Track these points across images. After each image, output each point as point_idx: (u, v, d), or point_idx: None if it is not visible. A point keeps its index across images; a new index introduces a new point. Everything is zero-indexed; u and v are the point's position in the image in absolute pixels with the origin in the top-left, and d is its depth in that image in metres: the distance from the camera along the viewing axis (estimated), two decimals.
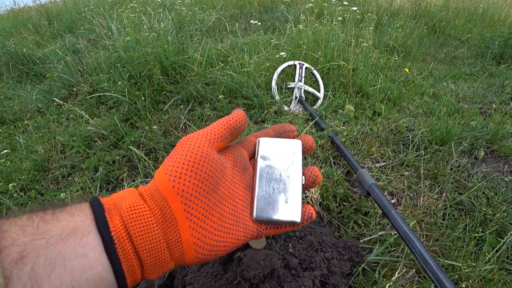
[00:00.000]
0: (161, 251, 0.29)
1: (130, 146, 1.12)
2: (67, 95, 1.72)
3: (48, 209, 0.26)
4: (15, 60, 2.26)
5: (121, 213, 0.28)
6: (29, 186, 1.11)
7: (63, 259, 0.23)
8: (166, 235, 0.29)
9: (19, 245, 0.23)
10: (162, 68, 1.57)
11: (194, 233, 0.29)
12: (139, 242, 0.27)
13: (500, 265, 0.77)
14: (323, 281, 0.64)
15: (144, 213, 0.28)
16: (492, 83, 1.96)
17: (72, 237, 0.25)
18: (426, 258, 0.56)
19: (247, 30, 2.87)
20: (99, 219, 0.27)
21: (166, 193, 0.29)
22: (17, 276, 0.21)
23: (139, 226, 0.28)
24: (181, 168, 0.30)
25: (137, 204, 0.29)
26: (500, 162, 1.18)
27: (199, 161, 0.31)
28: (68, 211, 0.27)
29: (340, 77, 1.65)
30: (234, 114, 0.37)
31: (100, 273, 0.25)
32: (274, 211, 0.35)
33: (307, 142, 0.40)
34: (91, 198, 0.29)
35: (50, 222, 0.25)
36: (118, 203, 0.29)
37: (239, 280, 0.56)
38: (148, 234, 0.28)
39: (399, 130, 1.29)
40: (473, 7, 3.65)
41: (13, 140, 1.39)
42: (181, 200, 0.29)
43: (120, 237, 0.26)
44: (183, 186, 0.29)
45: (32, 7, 3.96)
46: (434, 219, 0.90)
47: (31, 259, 0.22)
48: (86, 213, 0.27)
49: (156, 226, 0.28)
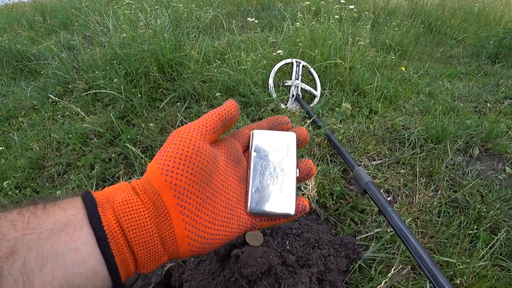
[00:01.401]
0: (154, 244, 0.28)
1: (126, 143, 1.11)
2: (62, 92, 1.70)
3: (39, 204, 0.26)
4: (9, 57, 2.23)
5: (113, 207, 0.28)
6: (24, 184, 1.10)
7: (55, 254, 0.23)
8: (159, 229, 0.29)
9: (10, 240, 0.22)
10: (158, 65, 1.56)
11: (187, 226, 0.29)
12: (132, 236, 0.27)
13: (493, 262, 0.78)
14: (320, 278, 0.64)
15: (137, 207, 0.28)
16: (487, 82, 1.98)
17: (64, 231, 0.24)
18: (421, 255, 0.57)
19: (244, 27, 2.86)
20: (92, 213, 0.26)
21: (158, 187, 0.29)
22: (8, 271, 0.21)
23: (132, 220, 0.27)
24: (173, 162, 0.29)
25: (130, 198, 0.28)
26: (494, 160, 1.20)
27: (191, 154, 0.30)
28: (60, 206, 0.26)
29: (337, 75, 1.66)
30: (226, 105, 0.36)
31: (93, 267, 0.25)
32: (268, 203, 0.36)
33: (301, 135, 0.40)
34: (83, 192, 0.29)
35: (41, 216, 0.25)
36: (110, 197, 0.29)
37: (236, 277, 0.56)
38: (141, 228, 0.28)
39: (395, 128, 1.30)
40: (468, 6, 3.68)
41: (8, 137, 1.38)
42: (173, 194, 0.29)
43: (113, 231, 0.26)
44: (175, 180, 0.29)
45: (26, 3, 3.91)
46: (430, 216, 0.91)
47: (22, 254, 0.22)
48: (78, 207, 0.27)
49: (149, 220, 0.28)
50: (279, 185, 0.37)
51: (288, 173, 0.37)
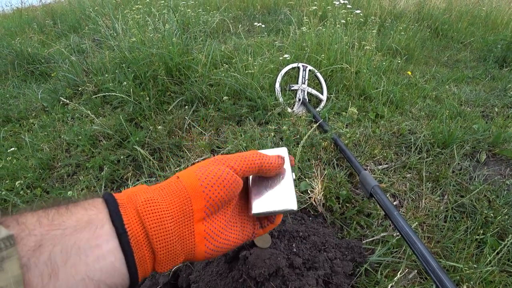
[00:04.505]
0: (174, 243, 0.30)
1: (135, 145, 1.13)
2: (72, 95, 1.73)
3: (62, 204, 0.28)
4: (20, 59, 2.27)
5: (136, 206, 0.29)
6: (35, 184, 1.13)
7: (78, 249, 0.25)
8: (180, 229, 0.31)
9: (36, 235, 0.24)
10: (166, 69, 1.59)
11: (206, 229, 0.33)
12: (154, 233, 0.29)
13: (501, 267, 0.78)
14: (326, 281, 0.65)
15: (160, 207, 0.30)
16: (494, 86, 1.97)
17: (86, 229, 0.26)
18: (428, 259, 0.57)
19: (251, 31, 2.88)
20: (113, 212, 0.28)
21: (193, 195, 0.32)
22: (34, 263, 0.23)
23: (155, 218, 0.29)
24: (215, 181, 0.34)
25: (153, 198, 0.31)
26: (501, 165, 1.19)
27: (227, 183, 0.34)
28: (82, 206, 0.28)
29: (343, 79, 1.66)
30: (272, 159, 0.39)
31: (113, 263, 0.26)
32: (270, 204, 0.38)
33: None
34: (104, 194, 0.30)
35: (64, 214, 0.26)
36: (133, 197, 0.31)
37: (244, 278, 0.57)
38: (164, 226, 0.30)
39: (401, 132, 1.30)
40: (476, 10, 3.66)
41: (19, 138, 1.41)
42: (205, 204, 0.33)
43: (133, 230, 0.28)
44: (212, 194, 0.33)
45: (37, 7, 3.98)
46: (436, 221, 0.91)
47: (48, 248, 0.24)
48: (99, 207, 0.29)
49: (171, 219, 0.30)
50: (278, 187, 0.40)
51: (285, 176, 0.41)
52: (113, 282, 0.26)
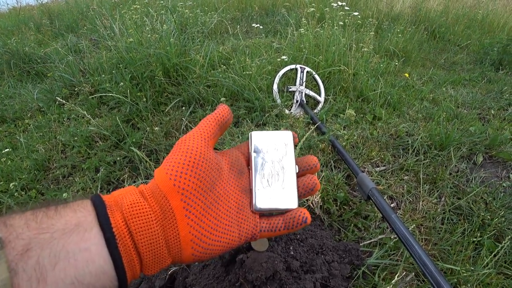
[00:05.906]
0: (159, 247, 0.30)
1: (131, 147, 1.12)
2: (68, 95, 1.72)
3: (51, 206, 0.27)
4: (16, 59, 2.25)
5: (122, 210, 0.29)
6: (30, 185, 1.12)
7: (67, 253, 0.24)
8: (165, 232, 0.30)
9: (24, 238, 0.23)
10: (164, 69, 1.58)
11: (191, 230, 0.31)
12: (139, 238, 0.29)
13: (498, 270, 0.78)
14: (324, 284, 0.64)
15: (144, 210, 0.30)
16: (490, 89, 1.98)
17: (75, 232, 0.26)
18: (425, 262, 0.57)
19: (249, 33, 2.88)
20: (101, 215, 0.28)
21: (167, 191, 0.31)
22: (22, 268, 0.22)
23: (139, 222, 0.29)
24: (181, 168, 0.31)
25: (138, 202, 0.30)
26: (498, 168, 1.19)
27: (197, 161, 0.33)
28: (71, 207, 0.28)
29: (340, 81, 1.67)
30: (220, 109, 0.39)
31: (102, 267, 0.26)
32: (272, 200, 0.37)
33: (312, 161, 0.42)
34: (92, 196, 0.30)
35: (53, 217, 0.26)
36: (119, 200, 0.30)
37: (241, 282, 0.56)
38: (148, 230, 0.29)
39: (399, 134, 1.31)
40: (472, 13, 3.69)
41: (14, 139, 1.39)
42: (181, 198, 0.31)
43: (121, 233, 0.28)
44: (183, 185, 0.31)
45: (34, 6, 3.96)
46: (433, 223, 0.91)
47: (36, 252, 0.23)
48: (88, 209, 0.28)
49: (156, 223, 0.30)
50: (281, 182, 0.38)
51: (288, 170, 0.39)
52: (102, 285, 0.26)
